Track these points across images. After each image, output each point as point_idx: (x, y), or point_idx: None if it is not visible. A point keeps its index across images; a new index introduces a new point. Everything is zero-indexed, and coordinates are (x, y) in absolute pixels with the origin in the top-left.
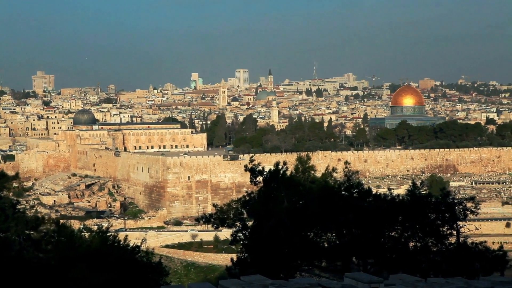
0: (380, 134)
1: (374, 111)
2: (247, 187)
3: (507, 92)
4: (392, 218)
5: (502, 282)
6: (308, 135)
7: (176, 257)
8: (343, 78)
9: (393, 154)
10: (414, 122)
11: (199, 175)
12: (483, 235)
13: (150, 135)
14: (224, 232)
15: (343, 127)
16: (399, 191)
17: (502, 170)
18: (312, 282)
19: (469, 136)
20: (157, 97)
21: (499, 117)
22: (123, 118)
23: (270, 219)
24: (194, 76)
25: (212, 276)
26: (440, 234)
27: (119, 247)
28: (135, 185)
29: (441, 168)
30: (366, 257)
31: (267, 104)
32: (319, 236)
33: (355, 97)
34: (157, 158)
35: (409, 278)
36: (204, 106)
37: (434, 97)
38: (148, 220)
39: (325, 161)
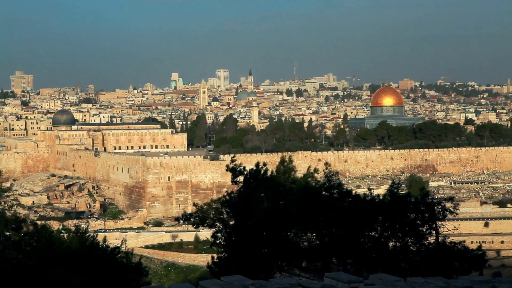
0: (360, 135)
1: (354, 112)
2: (228, 187)
3: (486, 92)
4: (372, 218)
5: (481, 281)
6: (288, 135)
7: (156, 257)
8: (323, 79)
9: (373, 154)
10: (394, 122)
11: (179, 175)
12: (462, 234)
13: (130, 136)
14: (204, 232)
15: (323, 127)
16: (379, 191)
17: (480, 170)
18: (292, 282)
19: (448, 137)
20: (137, 97)
21: (477, 117)
22: (102, 119)
23: (250, 219)
24: (174, 76)
25: (192, 277)
26: (419, 233)
27: (98, 247)
28: (115, 185)
29: (420, 168)
30: (346, 257)
31: (248, 104)
32: (299, 236)
33: (335, 98)
34: (137, 159)
35: (388, 278)
36: (184, 106)
37: (413, 98)
38: (128, 220)
39: (306, 161)
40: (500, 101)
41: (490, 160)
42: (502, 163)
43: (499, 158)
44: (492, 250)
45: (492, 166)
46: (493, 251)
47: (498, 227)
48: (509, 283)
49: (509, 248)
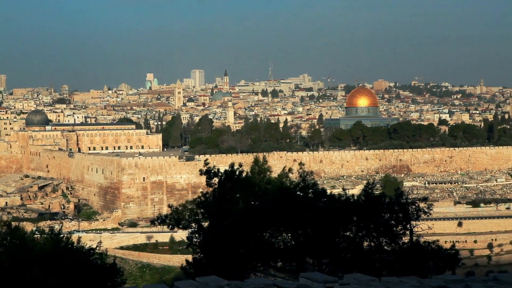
0: (335, 135)
1: (329, 112)
2: (203, 188)
3: (459, 93)
4: (347, 218)
5: (454, 281)
6: (263, 135)
7: (131, 258)
8: (298, 79)
9: (348, 155)
10: (369, 123)
11: (155, 176)
12: (436, 234)
13: (104, 136)
14: (179, 233)
15: (299, 127)
16: (353, 191)
17: (454, 170)
18: (268, 282)
19: (422, 137)
20: (112, 97)
21: (451, 118)
22: (77, 119)
23: (225, 220)
24: (149, 76)
25: (167, 278)
26: (394, 233)
27: (72, 249)
28: (89, 186)
29: (395, 168)
30: (321, 257)
31: (223, 104)
32: (275, 236)
33: (310, 98)
34: (112, 159)
35: (363, 278)
36: (159, 106)
37: (388, 98)
38: (103, 221)
39: (281, 162)
40: (473, 101)
41: (463, 160)
42: (475, 163)
43: (472, 158)
44: (465, 250)
45: (465, 166)
46: (467, 251)
47: (471, 226)
48: (482, 282)
49: (482, 248)
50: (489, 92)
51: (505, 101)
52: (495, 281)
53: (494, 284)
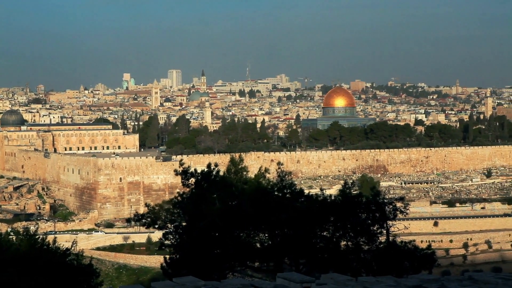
0: (312, 135)
1: (306, 112)
2: (180, 188)
3: (435, 94)
4: (324, 218)
5: (430, 280)
6: (241, 136)
7: (108, 259)
8: (275, 80)
9: (325, 155)
10: (346, 123)
11: (131, 176)
12: (412, 234)
13: (80, 136)
14: (156, 233)
15: (276, 128)
16: (331, 191)
17: (430, 170)
18: (245, 282)
19: (399, 137)
20: (88, 97)
21: (427, 118)
22: (52, 119)
23: (202, 220)
24: (126, 76)
25: (144, 278)
26: (371, 233)
27: (48, 250)
28: (65, 187)
29: (371, 168)
30: (298, 257)
31: (200, 105)
32: (252, 236)
33: (287, 98)
34: (88, 160)
35: (340, 277)
36: (136, 106)
37: (365, 99)
38: (79, 222)
39: (258, 162)
40: (449, 102)
41: (439, 160)
42: (451, 163)
43: (448, 158)
44: (441, 249)
45: (441, 166)
46: (442, 250)
47: (447, 226)
48: (458, 281)
49: (457, 247)
50: (465, 93)
51: (480, 102)
52: (470, 280)
53: (469, 283)
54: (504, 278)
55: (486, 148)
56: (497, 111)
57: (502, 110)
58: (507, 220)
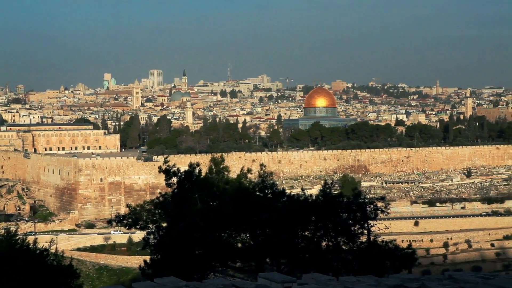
0: (294, 135)
1: (287, 113)
2: (161, 188)
3: (416, 94)
4: (305, 218)
5: (410, 279)
6: (222, 136)
7: (88, 260)
8: (257, 80)
9: (307, 155)
10: (327, 123)
11: (112, 176)
12: (393, 233)
13: (61, 136)
14: (137, 234)
15: (258, 128)
16: (312, 191)
17: (411, 170)
18: (226, 283)
19: (380, 137)
20: (69, 97)
21: (408, 118)
22: (32, 119)
23: (183, 220)
24: (106, 76)
25: (125, 279)
26: (352, 233)
27: (28, 250)
28: (45, 187)
29: (352, 168)
30: (279, 257)
31: (181, 105)
32: (233, 237)
33: (269, 99)
34: (69, 160)
35: (321, 277)
36: (117, 107)
37: (346, 99)
38: (59, 223)
39: (240, 162)
40: (430, 102)
41: (420, 160)
42: (431, 163)
43: (428, 158)
44: (421, 249)
45: (421, 166)
46: (423, 250)
47: (428, 226)
48: (438, 280)
49: (438, 247)
50: (445, 93)
51: (460, 102)
52: (450, 279)
53: (450, 282)
54: (483, 277)
55: (466, 148)
56: (476, 112)
57: (481, 110)
58: (487, 220)
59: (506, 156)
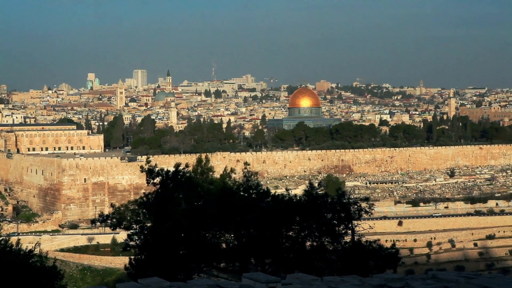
0: (278, 135)
1: (272, 113)
2: (145, 188)
3: (399, 94)
4: (290, 218)
5: (394, 279)
6: (207, 136)
7: (72, 261)
8: (241, 80)
9: (291, 155)
10: (311, 123)
11: (96, 177)
12: (377, 233)
13: (44, 137)
14: (121, 234)
15: (242, 128)
16: (296, 191)
17: (394, 170)
18: (210, 283)
19: (364, 137)
20: (52, 97)
21: (391, 118)
22: (15, 119)
23: (167, 220)
24: (90, 76)
25: (109, 280)
26: (336, 233)
27: (11, 251)
28: (28, 188)
29: (337, 168)
30: (264, 257)
31: (166, 105)
32: (217, 237)
33: (253, 99)
34: (52, 160)
35: (305, 277)
36: (101, 107)
37: (330, 99)
38: (42, 223)
39: (224, 162)
40: (413, 102)
41: (403, 160)
42: (415, 163)
43: (412, 158)
44: (405, 248)
45: (405, 166)
46: (407, 249)
47: (411, 225)
48: (421, 280)
49: (421, 246)
50: (428, 93)
51: (444, 102)
52: (433, 279)
53: (433, 282)
54: (466, 277)
55: (449, 148)
56: (460, 112)
57: (465, 110)
58: (470, 219)
59: (489, 156)
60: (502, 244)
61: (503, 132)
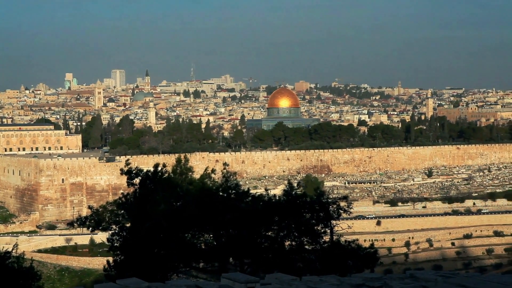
0: (257, 136)
1: (251, 113)
2: (124, 189)
3: (378, 94)
4: (269, 218)
5: (373, 279)
6: (185, 136)
7: (49, 261)
8: (220, 80)
9: (270, 155)
10: (290, 123)
11: (74, 177)
12: (356, 233)
13: (21, 137)
14: (99, 235)
15: (221, 128)
16: (275, 191)
17: (373, 170)
18: (189, 283)
19: (342, 137)
20: (29, 97)
21: (370, 119)
22: None
23: (146, 221)
24: (68, 76)
25: (87, 280)
26: (315, 233)
27: None
28: (5, 188)
29: (316, 168)
30: (243, 257)
31: (144, 105)
32: (196, 237)
33: (232, 99)
34: (29, 161)
35: (284, 277)
36: (79, 107)
37: (309, 99)
38: (20, 224)
39: (203, 162)
40: (391, 103)
41: (382, 160)
42: (393, 163)
43: (390, 158)
44: (383, 248)
45: (384, 166)
46: (385, 249)
47: (390, 225)
48: (399, 279)
49: (399, 246)
50: (406, 94)
51: (422, 103)
52: (411, 278)
53: (411, 281)
54: (444, 276)
55: (427, 148)
56: (437, 112)
57: (442, 111)
58: (447, 219)
59: (466, 156)
60: (479, 244)
61: (480, 132)
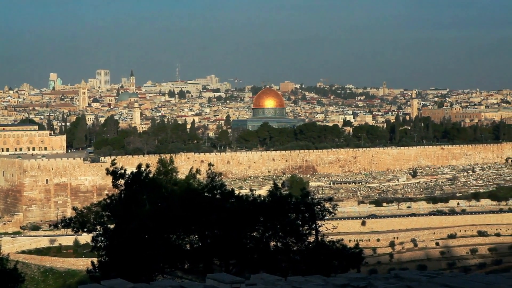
0: (242, 136)
1: (236, 113)
2: (109, 190)
3: (363, 95)
4: (254, 219)
5: (357, 279)
6: (171, 136)
7: (33, 263)
8: (205, 80)
9: (255, 156)
10: (275, 124)
11: (58, 178)
12: (341, 233)
13: (5, 137)
14: (84, 236)
15: (206, 128)
16: (261, 191)
17: (358, 170)
18: (174, 284)
19: (327, 138)
20: (13, 97)
21: (355, 119)
22: None
23: (131, 221)
24: (52, 76)
25: (71, 282)
26: (300, 233)
27: None
28: None
29: (301, 168)
30: (228, 258)
31: (129, 105)
32: (182, 238)
33: (217, 99)
34: (13, 161)
35: (269, 278)
36: (63, 107)
37: (294, 100)
38: (3, 225)
39: (188, 163)
40: (376, 103)
41: (367, 160)
42: (378, 163)
43: (375, 158)
44: (368, 248)
45: (368, 166)
46: (370, 249)
47: (374, 225)
48: (384, 279)
49: (384, 246)
50: (391, 94)
51: (406, 103)
52: (396, 278)
53: (395, 281)
54: (428, 276)
55: (411, 148)
56: (422, 112)
57: (427, 111)
58: (432, 219)
59: (451, 156)
60: (463, 243)
61: (464, 132)
